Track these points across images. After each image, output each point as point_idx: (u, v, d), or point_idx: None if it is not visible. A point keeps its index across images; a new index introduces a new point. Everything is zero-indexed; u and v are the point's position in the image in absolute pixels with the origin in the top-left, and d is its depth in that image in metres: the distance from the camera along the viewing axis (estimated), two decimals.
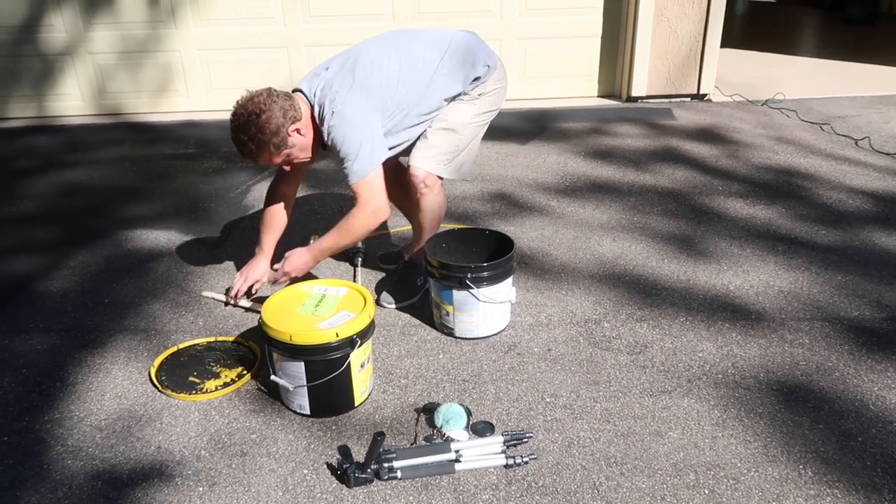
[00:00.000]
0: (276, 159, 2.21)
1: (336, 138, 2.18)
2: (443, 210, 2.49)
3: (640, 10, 4.81)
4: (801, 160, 3.86)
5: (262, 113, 2.12)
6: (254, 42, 4.96)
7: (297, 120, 2.18)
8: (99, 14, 4.84)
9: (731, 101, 5.08)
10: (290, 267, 2.27)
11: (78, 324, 2.47)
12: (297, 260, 2.27)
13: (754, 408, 1.97)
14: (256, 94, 2.16)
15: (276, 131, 2.14)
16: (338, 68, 2.26)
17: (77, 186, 3.80)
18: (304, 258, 2.28)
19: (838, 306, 2.45)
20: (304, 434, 1.92)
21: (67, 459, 1.85)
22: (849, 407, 1.96)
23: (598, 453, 1.82)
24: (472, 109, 2.38)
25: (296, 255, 2.29)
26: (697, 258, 2.82)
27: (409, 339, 2.34)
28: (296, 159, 2.26)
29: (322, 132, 2.24)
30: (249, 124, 2.12)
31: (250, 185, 3.72)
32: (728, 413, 1.95)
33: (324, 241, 2.27)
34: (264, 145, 2.15)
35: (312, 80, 2.28)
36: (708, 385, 2.06)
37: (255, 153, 2.17)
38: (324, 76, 2.26)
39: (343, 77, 2.23)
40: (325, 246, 2.27)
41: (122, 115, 5.08)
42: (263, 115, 2.12)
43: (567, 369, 2.15)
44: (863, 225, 3.07)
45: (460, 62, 2.33)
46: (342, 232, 2.24)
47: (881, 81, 5.56)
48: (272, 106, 2.13)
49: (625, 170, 3.79)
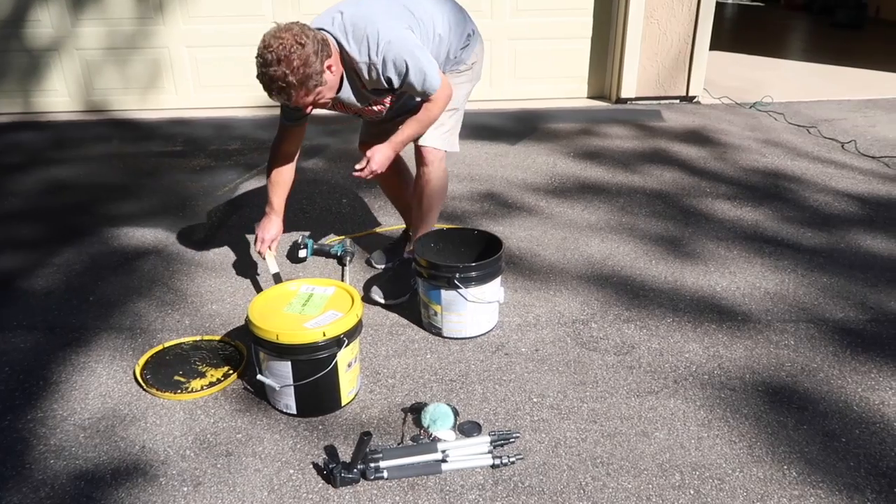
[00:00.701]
0: (309, 98, 2.08)
1: (396, 61, 2.10)
2: (447, 185, 2.54)
3: (629, 13, 4.83)
4: (789, 163, 3.89)
5: (304, 45, 1.97)
6: (243, 39, 4.92)
7: (329, 56, 2.07)
8: (86, 9, 4.80)
9: (719, 103, 5.11)
10: (376, 165, 2.27)
11: (62, 322, 2.44)
12: (381, 156, 2.28)
13: (740, 408, 1.98)
14: (290, 26, 2.01)
15: (315, 65, 2.01)
16: (354, 8, 2.17)
17: (63, 183, 3.76)
18: (386, 153, 2.29)
19: (823, 308, 2.47)
20: (291, 434, 1.91)
21: (50, 459, 1.83)
22: (833, 408, 1.98)
23: (585, 453, 1.82)
24: (466, 85, 2.44)
25: (379, 151, 2.28)
26: (685, 259, 2.83)
27: (397, 338, 2.34)
28: (321, 99, 2.14)
29: (359, 68, 2.14)
30: (292, 56, 1.96)
31: (238, 182, 3.70)
32: (714, 414, 1.96)
33: (404, 133, 2.28)
34: (306, 80, 2.01)
35: (328, 19, 2.17)
36: (694, 386, 2.07)
37: (294, 89, 2.01)
38: (346, 14, 2.15)
39: (370, 10, 2.15)
40: (405, 137, 2.29)
41: (110, 111, 5.04)
42: (306, 46, 1.97)
43: (554, 370, 2.15)
44: (848, 227, 3.10)
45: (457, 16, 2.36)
46: (422, 122, 2.27)
47: (868, 85, 5.61)
48: (311, 38, 2.00)
49: (614, 171, 3.81)
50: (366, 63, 2.12)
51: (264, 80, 2.03)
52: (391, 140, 2.30)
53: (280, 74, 1.98)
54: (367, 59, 2.12)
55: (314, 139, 4.41)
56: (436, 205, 2.50)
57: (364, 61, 2.12)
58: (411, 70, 2.11)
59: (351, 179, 3.70)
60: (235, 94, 5.07)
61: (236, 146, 4.30)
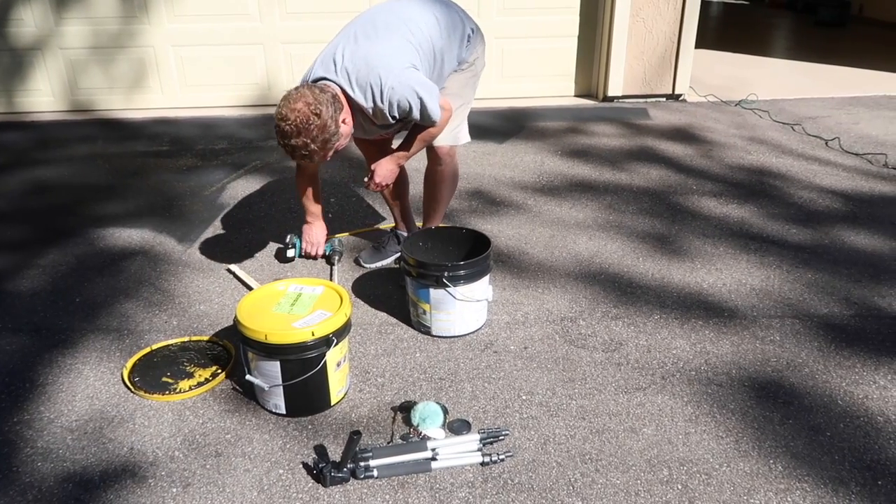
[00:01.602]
0: (329, 154, 2.19)
1: (401, 103, 2.19)
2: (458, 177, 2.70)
3: (616, 11, 4.85)
4: (774, 160, 3.93)
5: (319, 114, 2.08)
6: (229, 39, 4.91)
7: (341, 110, 2.17)
8: (70, 8, 4.76)
9: (705, 101, 5.14)
10: (380, 178, 2.40)
11: (48, 323, 2.42)
12: (384, 170, 2.39)
13: (726, 404, 2.00)
14: (301, 93, 2.10)
15: (331, 128, 2.12)
16: (353, 46, 2.24)
17: (48, 184, 3.73)
18: (389, 166, 2.40)
19: (808, 304, 2.49)
20: (280, 434, 1.91)
21: (37, 461, 1.82)
22: (818, 402, 2.00)
23: (574, 450, 1.83)
24: (472, 80, 2.55)
25: (382, 166, 2.40)
26: (672, 256, 2.85)
27: (386, 337, 2.34)
28: (339, 147, 2.24)
29: (366, 110, 2.24)
30: (311, 127, 2.08)
31: (225, 183, 3.68)
32: (701, 409, 1.98)
33: (408, 150, 2.37)
34: (325, 143, 2.13)
35: (331, 65, 2.24)
36: (681, 382, 2.09)
37: (316, 154, 2.14)
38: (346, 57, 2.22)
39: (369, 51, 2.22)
40: (409, 154, 2.39)
41: (95, 111, 5.00)
42: (321, 115, 2.08)
43: (543, 367, 2.16)
44: (832, 224, 3.13)
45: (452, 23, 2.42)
46: (425, 140, 2.37)
47: (851, 83, 5.67)
48: (325, 103, 2.10)
49: (601, 169, 3.82)
50: (371, 108, 2.23)
51: (287, 150, 2.15)
52: (395, 155, 2.41)
53: (301, 144, 2.10)
54: (373, 105, 2.21)
55: None
56: (448, 196, 2.69)
57: (370, 107, 2.22)
58: (415, 108, 2.21)
59: (339, 179, 3.71)
60: (221, 93, 5.05)
61: (223, 146, 4.28)
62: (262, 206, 3.39)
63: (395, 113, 2.22)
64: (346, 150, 4.43)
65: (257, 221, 3.22)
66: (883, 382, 2.07)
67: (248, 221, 3.22)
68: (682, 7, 4.88)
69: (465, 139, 2.58)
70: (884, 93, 5.34)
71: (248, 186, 3.63)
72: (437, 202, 2.67)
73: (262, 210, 3.35)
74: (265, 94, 5.05)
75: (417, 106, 2.20)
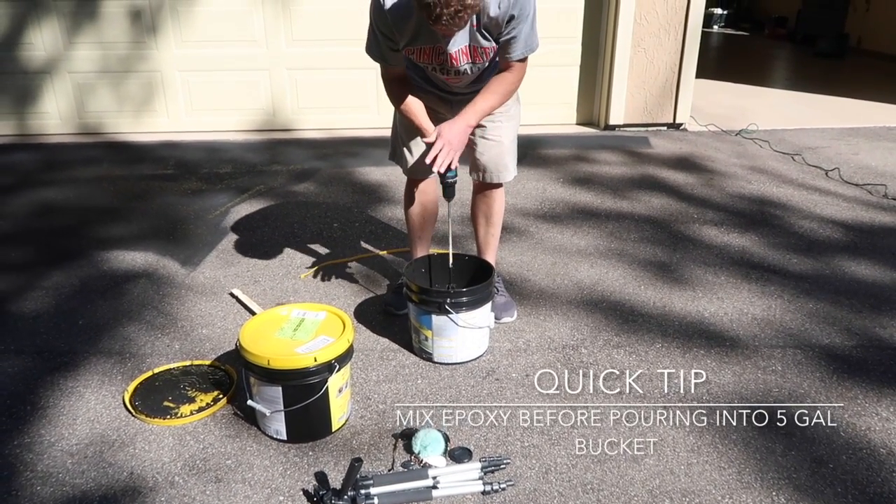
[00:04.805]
0: (465, 24, 1.93)
1: (524, 7, 2.00)
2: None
3: (617, 41, 4.92)
4: (774, 189, 3.95)
5: None
6: (235, 64, 4.98)
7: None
8: (79, 33, 4.83)
9: (706, 130, 5.19)
10: (449, 143, 2.08)
11: (51, 346, 2.43)
12: (450, 133, 2.10)
13: (728, 434, 1.99)
14: None
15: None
16: None
17: (53, 205, 3.75)
18: (458, 125, 2.12)
19: (810, 334, 2.49)
20: (281, 460, 1.90)
21: (37, 486, 1.81)
22: (820, 434, 1.99)
23: (575, 479, 1.82)
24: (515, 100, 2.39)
25: (447, 126, 2.11)
26: (673, 285, 2.86)
27: (388, 363, 2.34)
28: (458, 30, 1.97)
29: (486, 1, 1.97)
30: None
31: (229, 206, 3.71)
32: (703, 439, 1.97)
33: (477, 106, 2.14)
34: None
35: None
36: (683, 411, 2.09)
37: (471, 10, 1.87)
38: None
39: None
40: (479, 109, 2.15)
41: (102, 134, 5.05)
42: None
43: (545, 395, 2.16)
44: (833, 254, 3.14)
45: None
46: (498, 94, 2.17)
47: (850, 114, 5.73)
48: None
49: (603, 196, 3.85)
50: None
51: (438, 3, 1.81)
52: (464, 113, 2.13)
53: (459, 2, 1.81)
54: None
55: (305, 163, 4.44)
56: (499, 226, 2.59)
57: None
58: (530, 17, 2.04)
59: (343, 203, 3.73)
60: (227, 117, 5.10)
61: (227, 169, 4.32)
62: (266, 231, 3.41)
63: (514, 11, 1.98)
64: (351, 173, 4.44)
65: (261, 245, 3.24)
66: (885, 414, 2.06)
67: (252, 245, 3.24)
68: (682, 37, 4.95)
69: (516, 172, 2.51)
70: (883, 124, 5.39)
71: (252, 210, 3.65)
72: (494, 235, 2.58)
73: (266, 234, 3.37)
74: (270, 119, 5.10)
75: (532, 17, 2.02)
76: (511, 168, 2.49)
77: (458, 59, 2.12)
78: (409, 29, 2.04)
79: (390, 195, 3.84)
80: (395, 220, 3.50)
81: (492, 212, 2.54)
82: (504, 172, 2.47)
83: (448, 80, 2.24)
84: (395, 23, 2.04)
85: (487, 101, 2.16)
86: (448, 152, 2.10)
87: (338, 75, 5.03)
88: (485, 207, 2.54)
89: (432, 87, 2.31)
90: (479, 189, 2.53)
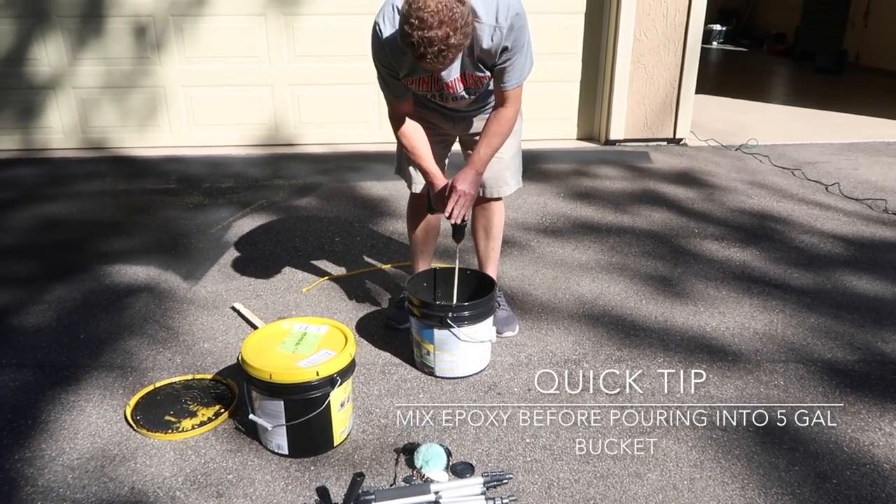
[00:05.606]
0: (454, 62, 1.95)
1: (517, 39, 2.02)
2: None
3: (617, 57, 4.96)
4: (775, 204, 3.96)
5: (463, 1, 1.84)
6: (238, 79, 5.01)
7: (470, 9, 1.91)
8: (83, 49, 4.87)
9: (706, 145, 5.21)
10: (465, 194, 2.16)
11: (52, 360, 2.43)
12: (464, 183, 2.17)
13: (731, 449, 1.98)
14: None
15: (470, 26, 1.88)
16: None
17: (56, 220, 3.77)
18: (470, 176, 2.18)
19: (812, 348, 2.49)
20: (282, 475, 1.89)
21: (38, 500, 1.80)
22: (823, 449, 1.99)
23: (578, 495, 1.82)
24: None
25: (461, 179, 2.17)
26: (675, 299, 2.86)
27: (390, 378, 2.33)
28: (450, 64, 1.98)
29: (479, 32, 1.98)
30: (455, 16, 1.80)
31: (231, 221, 3.72)
32: (706, 454, 1.96)
33: (481, 152, 2.19)
34: (465, 39, 1.88)
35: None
36: (686, 426, 2.08)
37: (453, 51, 1.86)
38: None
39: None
40: (483, 156, 2.20)
41: (105, 148, 5.07)
42: (465, 3, 1.84)
43: (547, 409, 2.16)
44: (834, 268, 3.14)
45: None
46: (500, 136, 2.21)
47: (850, 129, 5.75)
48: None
49: (604, 211, 3.86)
50: (491, 26, 1.99)
51: (421, 43, 1.82)
52: (472, 164, 2.21)
53: (442, 36, 1.81)
54: (494, 22, 1.99)
55: (307, 178, 4.46)
56: (500, 239, 2.62)
57: (490, 24, 1.99)
58: (524, 48, 2.05)
59: (345, 218, 3.74)
60: (229, 132, 5.13)
61: (230, 184, 4.33)
62: (268, 245, 3.42)
63: (507, 43, 2.00)
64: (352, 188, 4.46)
65: (262, 260, 3.24)
66: (888, 429, 2.06)
67: (254, 260, 3.25)
68: (682, 53, 4.98)
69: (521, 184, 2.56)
70: (882, 139, 5.41)
71: (254, 225, 3.66)
72: (495, 248, 2.60)
73: (268, 248, 3.38)
74: (272, 134, 5.13)
75: (526, 49, 2.04)
76: (511, 183, 2.51)
77: (454, 87, 2.17)
78: (407, 61, 2.06)
79: (392, 209, 3.85)
80: (396, 235, 3.50)
81: (491, 225, 2.56)
82: (503, 187, 2.49)
83: (448, 105, 2.30)
84: (393, 55, 2.08)
85: (491, 145, 2.21)
86: (464, 204, 2.18)
87: (340, 91, 5.06)
88: (485, 221, 2.56)
89: (434, 104, 2.33)
90: (478, 202, 2.54)
